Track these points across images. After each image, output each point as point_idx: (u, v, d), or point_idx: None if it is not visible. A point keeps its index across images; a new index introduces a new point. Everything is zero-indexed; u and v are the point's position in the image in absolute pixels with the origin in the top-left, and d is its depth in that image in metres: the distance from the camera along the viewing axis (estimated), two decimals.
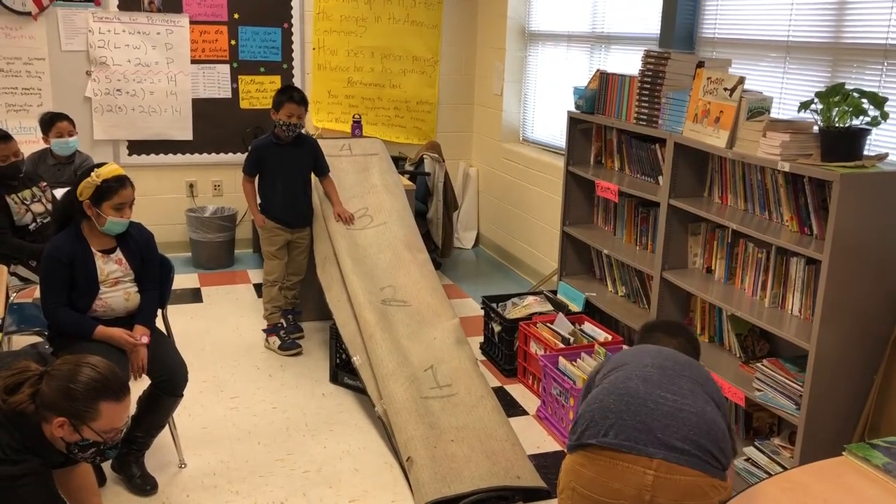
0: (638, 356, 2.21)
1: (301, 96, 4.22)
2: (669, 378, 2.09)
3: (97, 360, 2.10)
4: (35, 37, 5.44)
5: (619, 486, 1.97)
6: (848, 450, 2.07)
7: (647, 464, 1.96)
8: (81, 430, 2.03)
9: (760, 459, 3.12)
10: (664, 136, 3.58)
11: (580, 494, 2.02)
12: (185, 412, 3.61)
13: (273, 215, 4.36)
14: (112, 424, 2.07)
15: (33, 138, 5.14)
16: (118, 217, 2.96)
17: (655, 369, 2.12)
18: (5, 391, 2.01)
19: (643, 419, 1.99)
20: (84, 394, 2.01)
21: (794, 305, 3.08)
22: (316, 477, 3.24)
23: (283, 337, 4.42)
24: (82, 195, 2.92)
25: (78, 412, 2.01)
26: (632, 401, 2.03)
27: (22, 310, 3.71)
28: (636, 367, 2.15)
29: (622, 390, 2.07)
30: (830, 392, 2.86)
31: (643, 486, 1.95)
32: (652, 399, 2.03)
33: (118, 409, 2.08)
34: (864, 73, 3.13)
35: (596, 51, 5.07)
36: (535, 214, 5.65)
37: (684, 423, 1.99)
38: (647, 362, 2.16)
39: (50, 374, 2.04)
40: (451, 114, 6.58)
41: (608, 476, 1.98)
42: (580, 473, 2.03)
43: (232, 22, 5.83)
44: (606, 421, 2.02)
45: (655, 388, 2.05)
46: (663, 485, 1.95)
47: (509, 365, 4.21)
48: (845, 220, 2.70)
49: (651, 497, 1.96)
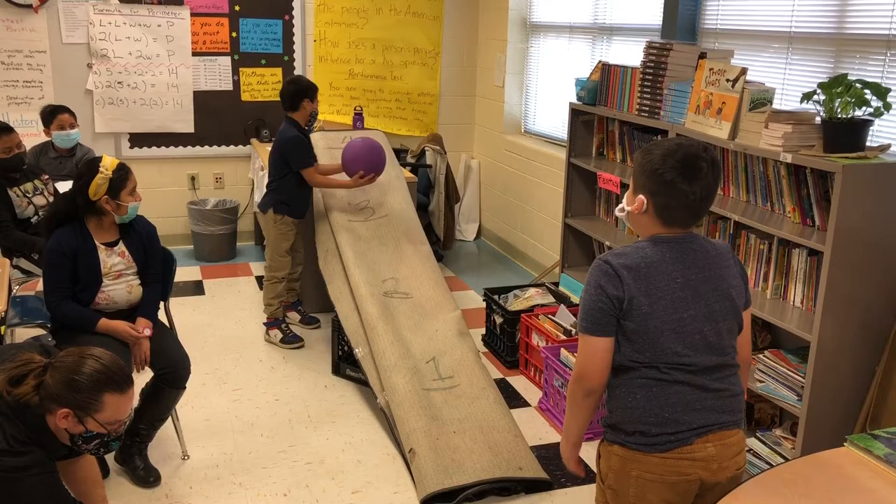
0: (674, 307, 1.95)
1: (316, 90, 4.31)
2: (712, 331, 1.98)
3: (101, 352, 2.11)
4: (36, 29, 5.44)
5: (689, 464, 1.97)
6: (849, 440, 2.07)
7: (704, 441, 1.96)
8: (86, 421, 2.03)
9: (762, 450, 3.12)
10: (666, 127, 3.57)
11: (645, 479, 1.99)
12: (188, 404, 3.62)
13: (294, 210, 4.30)
14: (116, 416, 2.08)
15: (35, 131, 5.13)
16: (135, 201, 3.04)
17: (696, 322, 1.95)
18: (9, 383, 2.01)
19: (696, 405, 1.98)
20: (88, 385, 2.02)
21: (796, 297, 3.08)
22: (318, 468, 3.25)
23: (284, 330, 4.43)
24: (98, 194, 2.93)
25: (82, 403, 2.01)
26: (685, 400, 1.98)
27: (25, 303, 3.72)
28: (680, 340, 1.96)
29: (675, 392, 1.97)
30: (832, 383, 2.86)
31: (709, 459, 1.97)
32: (702, 386, 1.98)
33: (122, 400, 2.09)
34: (867, 64, 3.12)
35: (598, 42, 5.06)
36: (537, 206, 5.65)
37: (727, 392, 2.01)
38: (686, 316, 1.95)
39: (54, 365, 2.05)
40: (453, 106, 6.56)
41: (677, 465, 1.98)
42: (643, 462, 1.99)
43: (233, 14, 5.82)
44: (666, 430, 1.97)
45: (703, 375, 1.98)
46: (722, 453, 1.98)
47: (511, 357, 4.21)
48: (848, 211, 2.70)
49: (717, 465, 1.97)
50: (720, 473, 1.98)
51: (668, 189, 1.92)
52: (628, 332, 1.94)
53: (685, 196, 1.92)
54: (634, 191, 2.00)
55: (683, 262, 1.96)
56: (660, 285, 1.93)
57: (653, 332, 1.92)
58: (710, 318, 1.97)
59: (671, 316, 1.92)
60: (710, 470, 1.96)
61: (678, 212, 1.95)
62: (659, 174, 1.92)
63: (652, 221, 1.98)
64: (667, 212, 1.95)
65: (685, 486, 1.97)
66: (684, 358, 1.94)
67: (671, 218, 1.96)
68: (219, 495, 3.06)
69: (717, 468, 1.97)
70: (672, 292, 1.93)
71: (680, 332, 1.93)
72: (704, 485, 1.98)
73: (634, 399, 1.97)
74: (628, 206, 2.02)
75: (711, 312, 1.97)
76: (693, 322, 1.94)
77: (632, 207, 2.00)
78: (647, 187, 1.95)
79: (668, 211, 1.95)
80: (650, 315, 1.91)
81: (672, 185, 1.91)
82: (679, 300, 1.93)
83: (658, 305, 1.92)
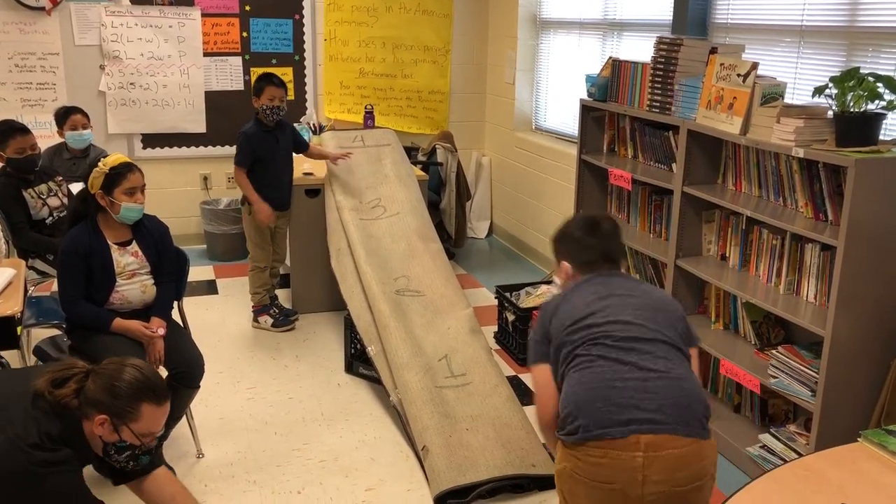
0: (608, 315, 2.10)
1: (280, 80, 4.31)
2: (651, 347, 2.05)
3: (142, 363, 2.15)
4: (49, 32, 5.48)
5: (610, 473, 1.94)
6: (864, 436, 2.07)
7: (635, 446, 1.90)
8: (121, 430, 2.05)
9: (776, 446, 3.12)
10: (677, 123, 3.56)
11: (576, 480, 2.01)
12: (202, 403, 3.64)
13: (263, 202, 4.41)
14: (150, 428, 2.10)
15: (48, 133, 5.17)
16: (131, 202, 2.99)
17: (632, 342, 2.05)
18: (52, 383, 2.06)
19: (617, 384, 1.98)
20: (127, 392, 2.05)
21: (809, 292, 3.07)
22: (332, 466, 3.27)
23: (274, 315, 4.52)
24: (93, 187, 2.96)
25: (120, 411, 2.04)
26: (604, 378, 2.00)
27: (40, 303, 3.75)
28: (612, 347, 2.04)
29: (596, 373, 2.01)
30: (846, 378, 2.85)
31: (634, 469, 1.90)
32: (626, 362, 2.02)
33: (158, 412, 2.11)
34: (880, 57, 3.10)
35: (608, 38, 5.05)
36: (548, 203, 5.64)
37: (667, 393, 1.97)
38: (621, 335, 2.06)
39: (96, 371, 2.09)
40: (464, 103, 6.57)
41: (599, 466, 1.95)
42: (573, 461, 2.01)
43: (243, 14, 5.84)
44: (584, 412, 1.98)
45: (626, 350, 2.03)
46: (653, 462, 1.90)
47: (523, 354, 4.21)
48: (860, 205, 2.68)
49: (643, 476, 1.90)
50: (650, 487, 1.89)
51: (580, 245, 2.32)
52: (552, 338, 2.18)
53: (596, 246, 2.31)
54: (558, 262, 2.39)
55: (602, 284, 2.23)
56: (570, 299, 2.22)
57: (567, 331, 2.12)
58: (628, 306, 2.13)
59: (582, 310, 2.14)
60: (636, 482, 1.88)
61: (592, 259, 2.30)
62: (572, 238, 2.35)
63: (574, 277, 2.33)
64: (582, 263, 2.31)
65: (609, 494, 1.91)
66: (598, 332, 2.06)
67: (587, 266, 2.30)
68: (233, 493, 3.07)
69: (644, 480, 1.89)
70: (585, 297, 2.20)
71: (592, 317, 2.12)
72: (631, 498, 1.91)
73: (563, 392, 2.08)
74: (560, 279, 2.39)
75: (627, 304, 2.14)
76: (607, 309, 2.12)
77: (561, 276, 2.38)
78: (563, 252, 2.37)
79: (584, 262, 2.31)
80: (563, 319, 2.16)
81: (582, 240, 2.32)
82: (591, 301, 2.17)
83: (567, 310, 2.18)
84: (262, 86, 4.27)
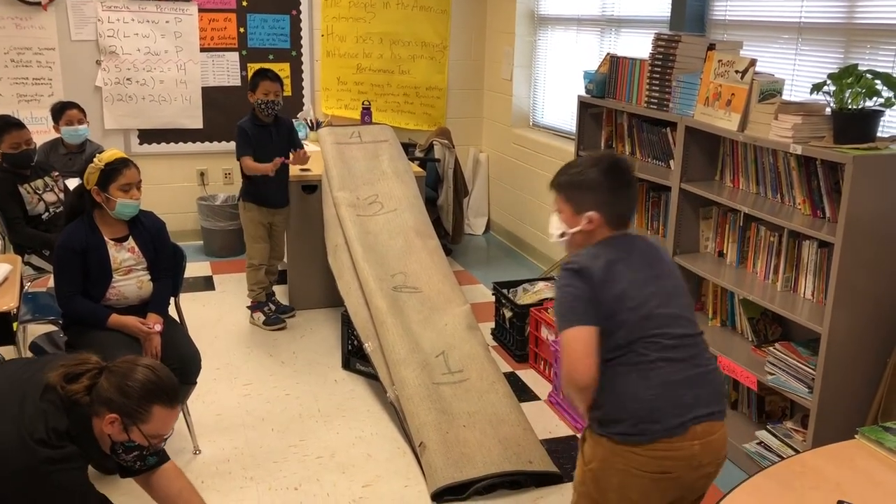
0: (636, 287, 2.06)
1: (275, 75, 4.30)
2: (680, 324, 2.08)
3: (157, 364, 2.13)
4: (45, 27, 5.46)
5: (672, 464, 1.99)
6: (861, 433, 2.07)
7: (690, 438, 1.98)
8: (130, 430, 2.04)
9: (773, 443, 3.12)
10: (675, 119, 3.56)
11: (631, 473, 2.01)
12: (199, 399, 3.64)
13: (259, 198, 4.42)
14: (160, 430, 2.09)
15: (44, 128, 5.15)
16: (126, 198, 2.99)
17: (667, 317, 2.07)
18: (65, 378, 2.04)
19: (675, 377, 2.01)
20: (140, 393, 2.03)
21: (807, 289, 3.07)
22: (329, 462, 3.27)
23: (267, 313, 4.54)
24: (89, 182, 2.96)
25: (131, 411, 2.02)
26: (666, 380, 2.02)
27: (36, 299, 3.74)
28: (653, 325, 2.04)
29: (656, 374, 2.01)
30: (843, 375, 2.85)
31: (692, 457, 1.99)
32: (680, 359, 2.04)
33: (168, 415, 2.10)
34: (878, 54, 3.10)
35: (606, 34, 5.04)
36: (546, 200, 5.63)
37: (709, 382, 2.06)
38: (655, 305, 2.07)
39: (110, 369, 2.07)
40: (461, 99, 6.56)
41: (663, 460, 2.00)
42: (628, 457, 2.01)
43: (240, 9, 5.82)
44: (651, 418, 1.99)
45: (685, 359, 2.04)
46: (705, 449, 2.00)
47: (520, 350, 4.21)
48: (858, 202, 2.68)
49: (699, 463, 2.00)
50: (701, 470, 2.02)
51: (615, 195, 2.13)
52: (601, 303, 2.02)
53: (628, 196, 2.17)
54: (576, 212, 2.14)
55: (633, 253, 2.12)
56: (618, 270, 2.05)
57: (622, 316, 2.01)
58: (671, 293, 2.10)
59: (634, 293, 2.03)
60: (693, 467, 2.00)
61: (625, 212, 2.16)
62: (603, 185, 2.12)
63: (600, 230, 2.13)
64: (616, 215, 2.13)
65: (669, 483, 2.00)
66: (656, 330, 2.02)
67: (620, 220, 2.15)
68: (230, 489, 3.07)
69: (702, 466, 2.01)
70: (631, 274, 2.06)
71: (645, 308, 2.03)
72: (684, 482, 2.02)
73: (617, 386, 2.01)
74: (573, 228, 2.15)
75: (667, 289, 2.10)
76: (655, 298, 2.06)
77: (582, 226, 2.13)
78: (594, 201, 2.12)
79: (617, 214, 2.14)
80: (616, 297, 2.01)
81: (617, 190, 2.13)
82: (639, 282, 2.06)
83: (620, 287, 2.03)
84: (257, 81, 4.26)
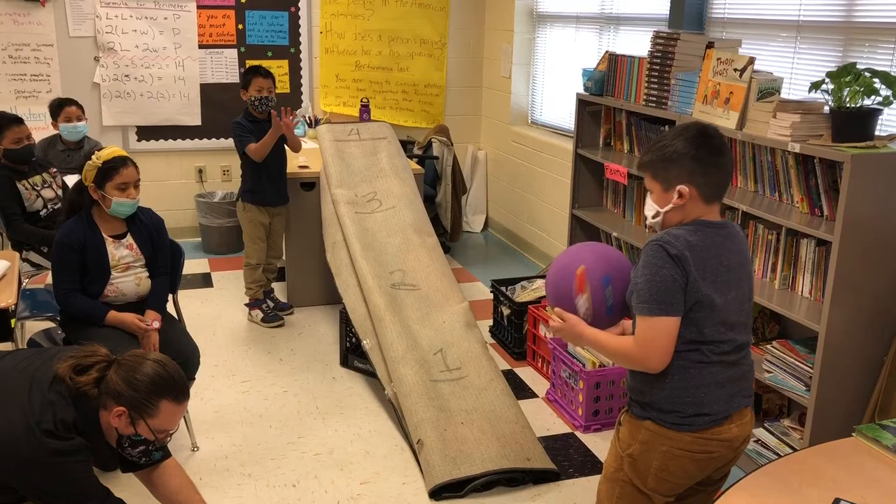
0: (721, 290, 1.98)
1: (267, 71, 4.31)
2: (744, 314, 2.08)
3: (167, 359, 2.13)
4: (43, 23, 5.45)
5: (716, 444, 2.04)
6: (858, 431, 2.07)
7: (730, 422, 2.04)
8: (137, 424, 2.04)
9: (770, 441, 3.12)
10: (674, 117, 3.56)
11: (674, 454, 2.04)
12: (198, 396, 3.64)
13: (257, 197, 4.41)
14: (166, 425, 2.09)
15: (43, 125, 5.15)
16: (123, 197, 2.98)
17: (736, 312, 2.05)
18: (74, 370, 2.04)
19: (725, 382, 2.04)
20: (148, 387, 2.03)
21: (805, 287, 3.07)
22: (327, 460, 3.27)
23: (265, 310, 4.54)
24: (86, 179, 2.96)
25: (138, 404, 2.02)
26: (717, 380, 2.04)
27: (34, 295, 3.74)
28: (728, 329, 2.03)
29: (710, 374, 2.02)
30: (840, 373, 2.85)
31: (733, 439, 2.05)
32: (733, 363, 2.06)
33: (176, 410, 2.09)
34: (876, 53, 3.10)
35: (605, 32, 5.04)
36: (544, 197, 5.64)
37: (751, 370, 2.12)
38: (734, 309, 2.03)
39: (119, 362, 2.07)
40: (460, 97, 6.55)
41: (709, 442, 2.04)
42: (675, 439, 2.03)
43: (239, 6, 5.82)
44: (702, 411, 2.02)
45: (736, 353, 2.05)
46: (742, 430, 2.07)
47: (518, 348, 4.22)
48: (856, 201, 2.69)
49: (738, 444, 2.07)
50: (736, 451, 2.09)
51: (705, 165, 1.97)
52: (687, 289, 1.94)
53: (725, 166, 2.01)
54: (666, 188, 2.02)
55: (724, 247, 2.00)
56: (710, 267, 1.96)
57: (702, 314, 1.96)
58: (744, 299, 2.05)
59: (719, 298, 1.97)
60: (732, 448, 2.06)
61: (721, 184, 2.01)
62: (695, 158, 1.97)
63: (693, 207, 2.00)
64: (710, 189, 1.99)
65: (708, 462, 2.05)
66: (725, 336, 2.00)
67: (715, 194, 2.01)
68: (228, 486, 3.07)
69: (738, 446, 2.07)
70: (720, 274, 1.97)
71: (724, 313, 1.99)
72: (720, 462, 2.08)
73: (671, 380, 2.00)
74: (665, 207, 2.02)
75: (743, 294, 2.05)
76: (734, 303, 2.01)
77: (673, 202, 2.00)
78: (685, 175, 1.98)
79: (712, 188, 1.99)
80: (703, 297, 1.95)
81: (711, 163, 1.97)
82: (724, 283, 1.99)
83: (708, 287, 1.95)
84: (249, 78, 4.27)
